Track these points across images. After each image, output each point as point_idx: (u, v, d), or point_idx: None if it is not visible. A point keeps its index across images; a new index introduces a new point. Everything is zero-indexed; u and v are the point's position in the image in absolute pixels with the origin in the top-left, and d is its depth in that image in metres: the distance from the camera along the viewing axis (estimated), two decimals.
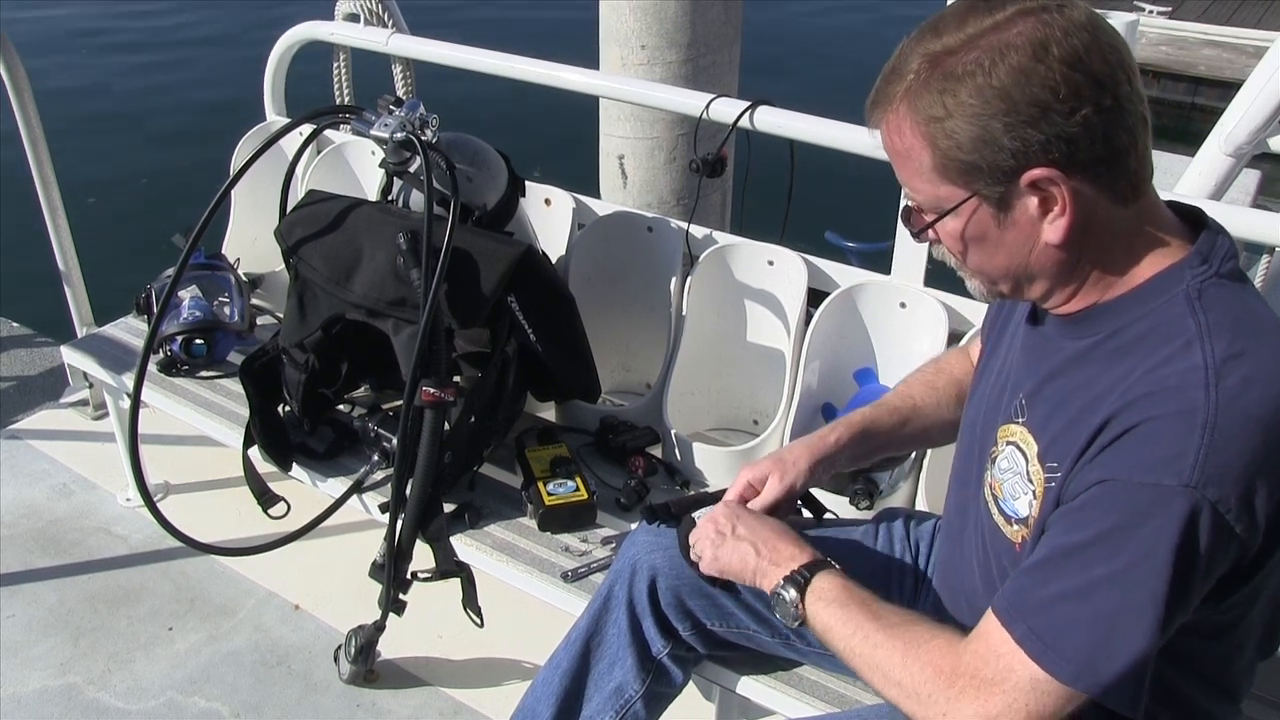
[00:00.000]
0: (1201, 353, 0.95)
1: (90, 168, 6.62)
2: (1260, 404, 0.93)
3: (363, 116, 1.83)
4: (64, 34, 9.75)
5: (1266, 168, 4.24)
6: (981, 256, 1.06)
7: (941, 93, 0.98)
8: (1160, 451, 0.93)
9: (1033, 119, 0.95)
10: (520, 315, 1.86)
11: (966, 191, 1.01)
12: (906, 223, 1.11)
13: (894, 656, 1.08)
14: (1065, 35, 0.95)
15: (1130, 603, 0.93)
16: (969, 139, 0.98)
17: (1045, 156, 0.96)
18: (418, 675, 2.05)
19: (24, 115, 2.52)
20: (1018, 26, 0.96)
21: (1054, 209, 1.00)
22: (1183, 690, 1.10)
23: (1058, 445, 1.03)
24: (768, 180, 2.25)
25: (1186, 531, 0.91)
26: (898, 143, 1.04)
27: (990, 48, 0.96)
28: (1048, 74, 0.94)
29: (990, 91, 0.95)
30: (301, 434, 2.01)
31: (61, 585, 2.26)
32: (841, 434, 1.42)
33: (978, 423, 1.23)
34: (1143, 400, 0.95)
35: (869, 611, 1.13)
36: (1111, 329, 1.04)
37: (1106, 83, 0.96)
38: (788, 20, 10.37)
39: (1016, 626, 0.99)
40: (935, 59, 0.98)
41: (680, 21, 3.42)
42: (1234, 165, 2.30)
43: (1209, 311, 0.98)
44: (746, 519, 1.30)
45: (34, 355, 3.09)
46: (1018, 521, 1.10)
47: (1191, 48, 9.37)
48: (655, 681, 1.45)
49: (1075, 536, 0.97)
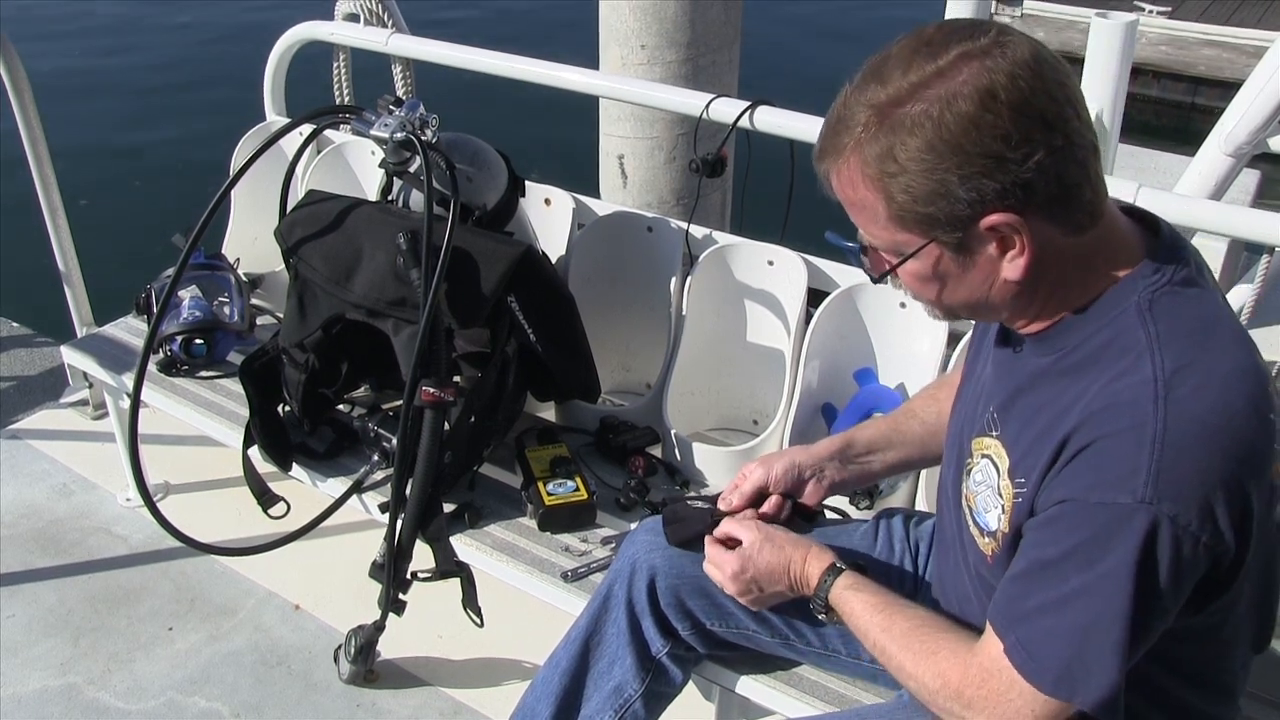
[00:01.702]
0: (1151, 365, 0.96)
1: (90, 168, 6.62)
2: (1211, 412, 0.94)
3: (363, 116, 1.83)
4: (64, 34, 9.75)
5: (1266, 168, 4.23)
6: (944, 293, 1.07)
7: (892, 146, 0.97)
8: (1114, 471, 0.94)
9: (987, 169, 0.94)
10: (520, 315, 1.86)
11: (925, 238, 1.01)
12: (863, 265, 1.12)
13: (905, 668, 1.14)
14: (1011, 80, 0.93)
15: (1100, 615, 0.96)
16: (924, 193, 0.97)
17: (1002, 203, 0.96)
18: (418, 675, 2.05)
19: (24, 115, 2.52)
20: (962, 74, 0.94)
21: (1013, 249, 1.00)
22: (1176, 693, 1.11)
23: (1025, 462, 1.05)
24: (768, 180, 2.25)
25: (1146, 547, 0.93)
26: (851, 194, 1.03)
27: (937, 99, 0.94)
28: (997, 122, 0.93)
29: (942, 145, 0.94)
30: (301, 434, 2.01)
31: (61, 585, 2.26)
32: (832, 441, 1.45)
33: (960, 433, 1.25)
34: (1098, 416, 0.97)
35: (882, 618, 1.19)
36: (1072, 344, 1.04)
37: (1056, 123, 0.95)
38: (788, 20, 10.37)
39: (1008, 636, 1.03)
40: (882, 110, 0.97)
41: (680, 21, 3.42)
42: (1234, 165, 2.31)
43: (1159, 322, 0.99)
44: (763, 572, 1.31)
45: (34, 355, 3.09)
46: (988, 534, 1.12)
47: (1191, 48, 9.37)
48: (654, 681, 1.46)
49: (1048, 551, 1.00)
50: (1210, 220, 1.73)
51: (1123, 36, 1.84)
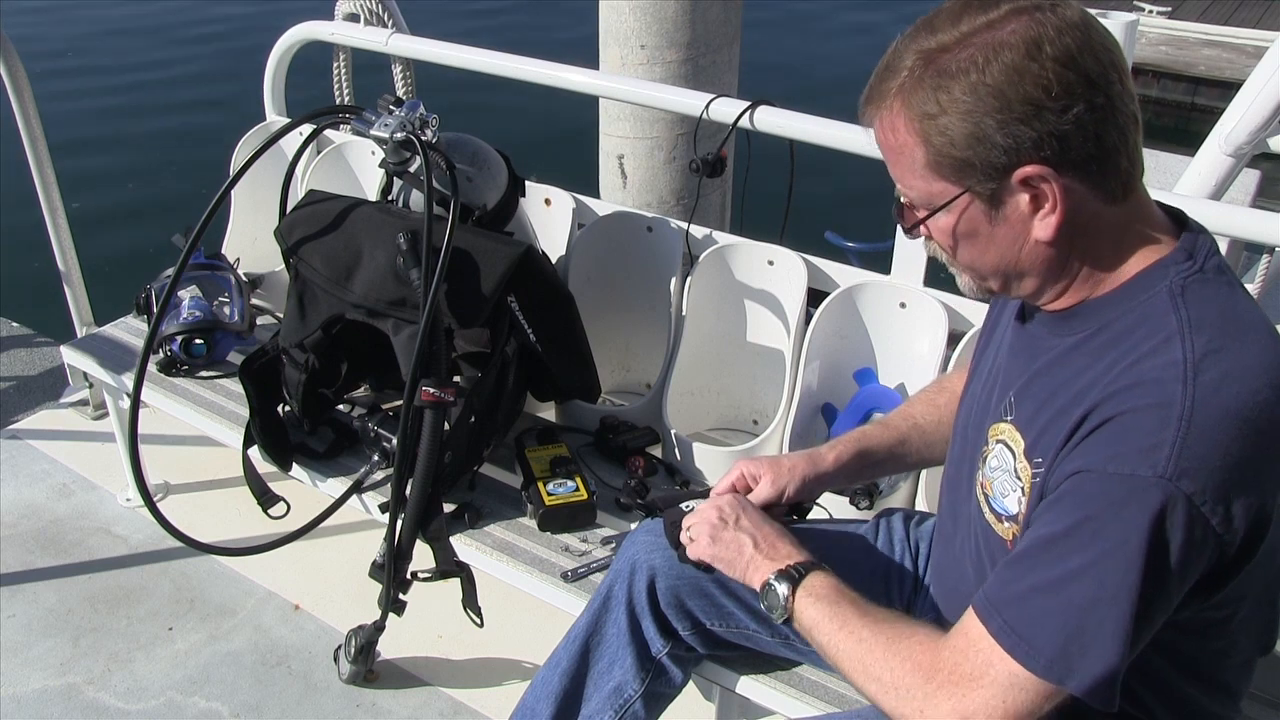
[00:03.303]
0: (1181, 348, 0.96)
1: (90, 168, 6.63)
2: (1237, 399, 0.93)
3: (363, 116, 1.83)
4: (64, 34, 9.75)
5: (1266, 167, 4.24)
6: (973, 252, 1.07)
7: (935, 90, 0.98)
8: (1136, 443, 0.93)
9: (1026, 116, 0.96)
10: (520, 315, 1.86)
11: (959, 188, 1.02)
12: (899, 219, 1.12)
13: (875, 651, 1.09)
14: (1059, 34, 0.95)
15: (1103, 594, 0.94)
16: (962, 136, 0.98)
17: (1037, 154, 0.97)
18: (418, 675, 2.05)
19: (24, 115, 2.52)
20: (1011, 25, 0.96)
21: (1045, 206, 1.00)
22: (1179, 687, 1.11)
23: (1043, 441, 1.04)
24: (768, 180, 2.25)
25: (1159, 523, 0.92)
26: (891, 139, 1.04)
27: (984, 45, 0.96)
28: (1041, 72, 0.95)
29: (984, 89, 0.96)
30: (301, 434, 2.01)
31: (61, 585, 2.26)
32: (841, 452, 1.44)
33: (969, 424, 1.24)
34: (1122, 393, 0.96)
35: (856, 609, 1.15)
36: (1098, 324, 1.04)
37: (1099, 81, 0.96)
38: (788, 20, 10.37)
39: (993, 620, 1.00)
40: (929, 56, 0.99)
41: (680, 21, 3.43)
42: (1234, 165, 2.30)
43: (1191, 308, 0.99)
44: (751, 513, 1.31)
45: (34, 355, 3.09)
46: (1008, 519, 1.10)
47: (1191, 48, 9.37)
48: (654, 681, 1.45)
49: (1052, 528, 0.98)
50: (1210, 220, 1.70)
51: (1123, 36, 1.84)
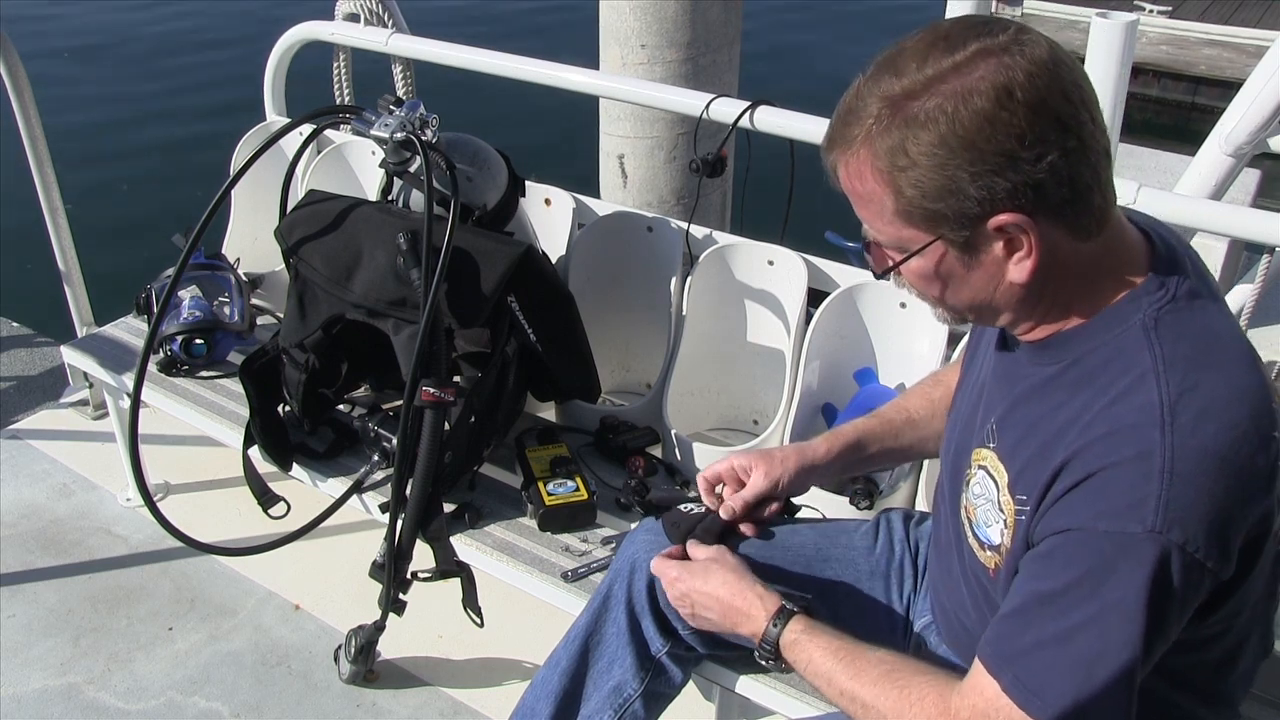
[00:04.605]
0: (1157, 388, 0.94)
1: (90, 168, 6.63)
2: (1215, 438, 0.92)
3: (363, 116, 1.83)
4: (64, 33, 9.75)
5: (1266, 167, 4.23)
6: (946, 293, 1.06)
7: (904, 139, 0.95)
8: (1122, 499, 0.93)
9: (999, 167, 0.93)
10: (520, 315, 1.86)
11: (931, 235, 1.00)
12: (869, 259, 1.10)
13: (880, 706, 1.08)
14: (1029, 78, 0.92)
15: (1108, 646, 0.94)
16: (934, 188, 0.96)
17: (1012, 203, 0.95)
18: (418, 675, 2.05)
19: (24, 115, 2.52)
20: (980, 69, 0.93)
21: (1020, 250, 0.98)
22: (1177, 703, 1.11)
23: (1025, 477, 1.03)
24: (768, 180, 2.25)
25: (1157, 575, 0.91)
26: (858, 186, 1.01)
27: (952, 93, 0.93)
28: (1012, 120, 0.92)
29: (955, 140, 0.93)
30: (301, 434, 2.01)
31: (62, 585, 2.26)
32: (833, 444, 1.44)
33: (955, 442, 1.24)
34: (1101, 442, 0.95)
35: (851, 667, 1.13)
36: (1074, 356, 1.03)
37: (1070, 124, 0.94)
38: (788, 19, 10.36)
39: (1004, 675, 0.99)
40: (895, 103, 0.95)
41: (680, 21, 3.43)
42: (1234, 165, 2.31)
43: (1164, 344, 0.97)
44: (698, 591, 1.31)
45: (34, 355, 3.09)
46: (990, 548, 1.10)
47: (1191, 47, 9.38)
48: (654, 680, 1.45)
49: (1048, 584, 0.97)
50: (1210, 220, 1.73)
51: (1123, 36, 1.84)
